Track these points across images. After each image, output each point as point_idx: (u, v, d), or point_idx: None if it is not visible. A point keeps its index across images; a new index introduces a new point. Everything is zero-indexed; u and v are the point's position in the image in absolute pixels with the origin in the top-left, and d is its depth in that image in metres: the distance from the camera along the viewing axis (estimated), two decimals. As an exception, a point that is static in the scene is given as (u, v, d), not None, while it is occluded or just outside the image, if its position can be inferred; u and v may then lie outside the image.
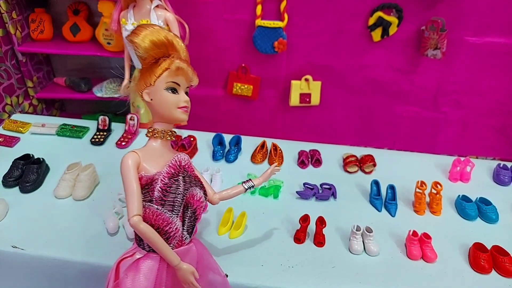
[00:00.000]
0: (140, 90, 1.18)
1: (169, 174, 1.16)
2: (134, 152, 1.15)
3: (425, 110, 2.63)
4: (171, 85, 1.16)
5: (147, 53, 1.12)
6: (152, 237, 1.13)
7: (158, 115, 1.20)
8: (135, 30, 1.14)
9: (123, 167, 1.13)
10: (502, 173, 2.08)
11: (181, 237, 1.21)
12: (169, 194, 1.16)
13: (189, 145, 2.15)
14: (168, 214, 1.16)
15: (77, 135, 2.26)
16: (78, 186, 1.83)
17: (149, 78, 1.15)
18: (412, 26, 2.35)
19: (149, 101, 1.18)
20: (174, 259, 1.16)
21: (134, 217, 1.10)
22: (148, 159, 1.16)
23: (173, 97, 1.17)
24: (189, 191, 1.22)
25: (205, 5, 2.39)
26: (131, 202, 1.11)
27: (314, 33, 2.44)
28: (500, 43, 2.35)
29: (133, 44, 1.12)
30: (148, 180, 1.14)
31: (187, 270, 1.18)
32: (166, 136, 1.21)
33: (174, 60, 1.15)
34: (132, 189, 1.12)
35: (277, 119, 2.79)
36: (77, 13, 2.60)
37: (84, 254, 1.55)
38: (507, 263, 1.55)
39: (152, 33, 1.12)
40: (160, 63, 1.14)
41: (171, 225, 1.17)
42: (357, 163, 2.12)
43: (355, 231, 1.62)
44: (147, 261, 1.18)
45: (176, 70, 1.15)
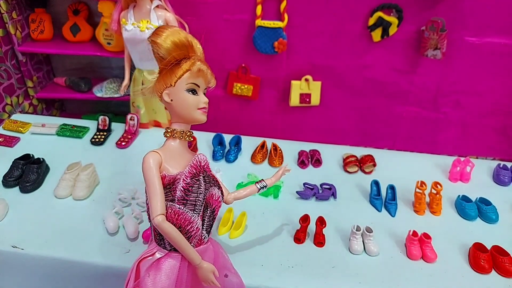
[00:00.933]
0: (160, 90, 1.18)
1: (191, 174, 1.17)
2: (155, 152, 1.16)
3: (425, 110, 2.63)
4: (192, 86, 1.16)
5: (169, 54, 1.12)
6: (175, 236, 1.14)
7: (178, 116, 1.20)
8: (156, 30, 1.14)
9: (146, 166, 1.13)
10: (502, 173, 2.08)
11: (200, 236, 1.23)
12: (191, 193, 1.17)
13: (189, 145, 2.15)
14: (190, 213, 1.17)
15: (77, 135, 2.26)
16: (78, 186, 1.83)
17: (169, 79, 1.15)
18: (412, 27, 2.35)
19: (169, 101, 1.17)
20: (196, 258, 1.18)
21: (158, 216, 1.11)
22: (169, 159, 1.17)
23: (193, 98, 1.17)
24: (209, 190, 1.24)
25: (205, 5, 2.39)
26: (154, 201, 1.12)
27: (314, 33, 2.44)
28: (500, 43, 2.35)
29: (155, 44, 1.12)
30: (170, 180, 1.15)
31: (208, 269, 1.20)
32: (185, 137, 1.21)
33: (195, 61, 1.16)
34: (155, 188, 1.12)
35: (277, 119, 2.79)
36: (77, 13, 2.60)
37: (84, 254, 1.55)
38: (507, 263, 1.55)
39: (173, 34, 1.12)
40: (181, 64, 1.14)
41: (193, 225, 1.18)
42: (357, 163, 2.12)
43: (355, 231, 1.62)
44: (169, 260, 1.19)
45: (197, 72, 1.16)
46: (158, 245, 1.23)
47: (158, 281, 1.15)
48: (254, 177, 2.01)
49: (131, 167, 2.04)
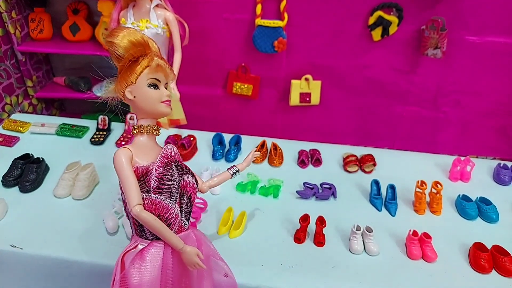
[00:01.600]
0: (122, 90, 1.21)
1: (162, 163, 1.20)
2: (125, 147, 1.19)
3: (425, 109, 2.63)
4: (153, 81, 1.20)
5: (126, 52, 1.15)
6: (155, 224, 1.16)
7: (142, 112, 1.23)
8: (112, 31, 1.17)
9: (117, 162, 1.16)
10: (503, 172, 2.08)
11: (180, 223, 1.25)
12: (165, 182, 1.19)
13: (188, 144, 2.15)
14: (167, 201, 1.19)
15: (77, 135, 2.26)
16: (78, 185, 1.83)
17: (130, 77, 1.18)
18: (412, 26, 2.34)
19: (132, 99, 1.20)
20: (178, 243, 1.21)
21: (136, 206, 1.13)
22: (139, 153, 1.20)
23: (156, 92, 1.20)
24: (183, 178, 1.26)
25: (205, 5, 2.39)
26: (130, 193, 1.14)
27: (314, 32, 2.44)
28: (501, 42, 2.35)
29: (112, 44, 1.15)
30: (143, 171, 1.18)
31: (192, 252, 1.23)
32: (152, 131, 1.24)
33: (153, 57, 1.19)
34: (129, 181, 1.15)
35: (277, 118, 2.78)
36: (77, 12, 2.60)
37: (83, 254, 1.54)
38: (507, 262, 1.55)
39: (130, 34, 1.16)
40: (140, 61, 1.18)
41: (171, 212, 1.20)
42: (357, 163, 2.12)
43: (355, 231, 1.61)
44: (152, 249, 1.21)
45: (156, 67, 1.19)
46: (139, 237, 1.25)
47: (144, 271, 1.17)
48: (254, 176, 2.00)
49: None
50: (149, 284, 1.17)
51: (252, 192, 1.93)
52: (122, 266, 1.22)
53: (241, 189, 1.93)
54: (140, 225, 1.21)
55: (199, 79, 2.67)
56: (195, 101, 2.68)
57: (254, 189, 1.94)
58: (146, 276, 1.17)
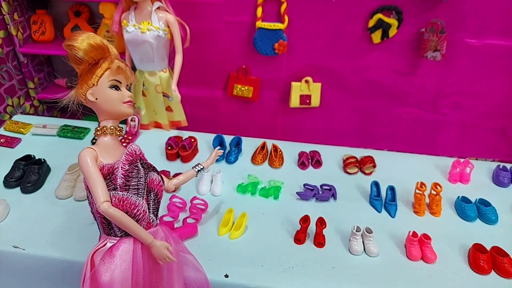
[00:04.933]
0: (83, 92, 1.23)
1: (128, 161, 1.22)
2: (89, 147, 1.21)
3: (425, 111, 2.64)
4: (114, 83, 1.23)
5: (86, 55, 1.18)
6: (123, 220, 1.18)
7: (105, 113, 1.26)
8: (72, 35, 1.20)
9: (82, 162, 1.17)
10: (502, 174, 2.09)
11: (148, 219, 1.28)
12: (131, 179, 1.22)
13: (189, 146, 2.16)
14: (134, 198, 1.21)
15: (78, 136, 2.27)
16: (79, 186, 1.84)
17: (91, 79, 1.21)
18: (412, 28, 2.35)
19: (94, 100, 1.23)
20: (148, 237, 1.23)
21: (104, 203, 1.15)
22: (104, 153, 1.22)
23: (117, 94, 1.24)
24: (149, 175, 1.29)
25: (206, 7, 2.40)
26: (96, 191, 1.16)
27: (314, 35, 2.45)
28: (500, 45, 2.36)
29: (72, 48, 1.17)
30: (109, 169, 1.20)
31: (161, 246, 1.25)
32: (115, 132, 1.27)
33: (113, 60, 1.23)
34: (95, 179, 1.17)
35: (277, 120, 2.79)
36: (79, 14, 2.61)
37: (84, 254, 1.52)
38: (507, 264, 1.55)
39: (89, 37, 1.19)
40: (100, 64, 1.21)
41: (139, 208, 1.22)
42: (357, 164, 2.13)
43: (355, 232, 1.62)
44: (121, 246, 1.22)
45: (117, 69, 1.23)
46: (108, 236, 1.26)
47: (114, 267, 1.18)
48: (254, 178, 2.01)
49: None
50: (120, 280, 1.18)
51: (252, 193, 1.94)
52: (92, 265, 1.23)
53: (241, 191, 1.94)
54: (108, 223, 1.23)
55: (200, 81, 2.68)
56: (196, 103, 2.69)
57: (255, 190, 1.95)
58: (117, 272, 1.18)
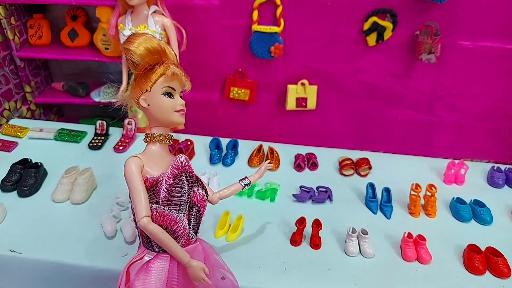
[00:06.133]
0: (136, 97, 1.20)
1: (173, 175, 1.18)
2: (136, 156, 1.18)
3: (420, 113, 2.65)
4: (168, 90, 1.19)
5: (142, 60, 1.15)
6: (162, 237, 1.15)
7: (156, 120, 1.22)
8: (129, 38, 1.17)
9: (127, 171, 1.15)
10: (496, 175, 2.10)
11: (188, 236, 1.24)
12: (174, 194, 1.18)
13: (186, 149, 2.17)
14: (175, 213, 1.18)
15: (75, 140, 2.27)
16: (76, 190, 1.84)
17: (145, 84, 1.17)
18: (406, 31, 2.37)
19: (146, 107, 1.20)
20: (185, 257, 1.20)
21: (144, 218, 1.12)
22: (150, 163, 1.18)
23: (170, 101, 1.19)
24: (193, 190, 1.25)
25: (203, 11, 2.41)
26: (139, 204, 1.13)
27: (310, 38, 2.46)
28: (494, 47, 2.38)
29: (128, 51, 1.15)
30: (153, 182, 1.16)
31: (198, 267, 1.21)
32: (165, 140, 1.23)
33: (169, 65, 1.18)
34: (138, 191, 1.13)
35: (274, 123, 2.81)
36: (75, 18, 2.62)
37: (82, 258, 1.56)
38: (501, 264, 1.57)
39: (146, 41, 1.16)
40: (155, 69, 1.17)
41: (179, 224, 1.19)
42: (352, 166, 2.14)
43: (351, 233, 1.63)
44: (157, 262, 1.20)
45: (172, 76, 1.18)
46: (146, 248, 1.24)
47: (148, 283, 1.16)
48: (251, 180, 2.02)
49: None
50: None
51: (249, 196, 1.95)
52: (127, 278, 1.22)
53: (238, 193, 1.94)
54: (147, 236, 1.20)
55: (197, 84, 2.64)
56: (192, 106, 2.67)
57: (251, 192, 1.96)
58: None
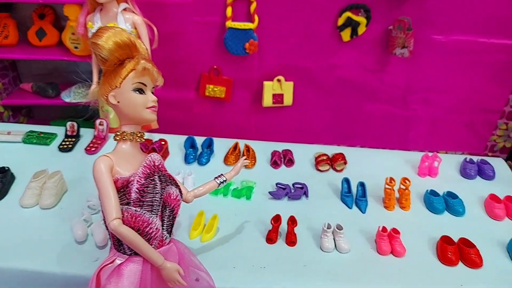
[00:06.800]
0: (105, 93, 1.16)
1: (145, 174, 1.15)
2: (105, 156, 1.14)
3: (396, 108, 2.67)
4: (138, 85, 1.15)
5: (111, 55, 1.11)
6: (133, 239, 1.11)
7: (126, 117, 1.19)
8: (97, 32, 1.12)
9: (96, 171, 1.11)
10: (469, 167, 2.14)
11: (161, 237, 1.21)
12: (146, 194, 1.14)
13: (159, 149, 2.13)
14: (148, 215, 1.15)
15: (45, 142, 2.21)
16: (45, 194, 1.79)
17: (114, 80, 1.13)
18: (380, 26, 2.38)
19: (115, 103, 1.16)
20: (158, 259, 1.16)
21: (114, 220, 1.08)
22: (121, 162, 1.14)
23: (141, 98, 1.16)
24: (166, 190, 1.22)
25: (174, 8, 2.37)
26: (108, 206, 1.09)
27: (284, 34, 2.45)
28: (466, 40, 2.41)
29: (96, 46, 1.10)
30: (123, 182, 1.13)
31: (172, 268, 1.18)
32: (136, 138, 1.19)
33: (139, 60, 1.14)
34: (108, 192, 1.10)
35: (251, 120, 2.79)
36: (43, 17, 2.54)
37: (52, 264, 1.51)
38: (473, 254, 1.59)
39: (115, 35, 1.11)
40: (125, 64, 1.13)
41: (152, 226, 1.16)
42: (328, 162, 2.15)
43: (326, 229, 1.63)
44: (130, 265, 1.16)
45: (143, 71, 1.14)
46: (117, 251, 1.20)
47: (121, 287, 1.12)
48: (226, 179, 2.00)
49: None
50: None
51: (224, 194, 1.93)
52: (97, 282, 1.17)
53: (213, 192, 1.92)
54: (118, 239, 1.16)
55: (171, 82, 2.63)
56: (167, 104, 2.64)
57: (227, 191, 1.94)
58: None
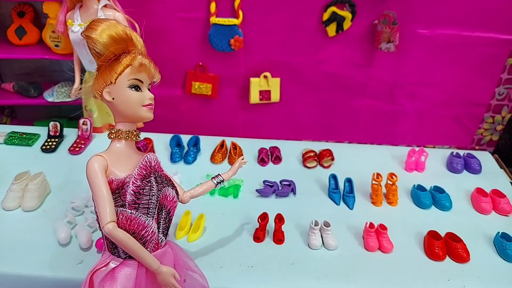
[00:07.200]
0: (99, 89, 1.10)
1: (140, 176, 1.11)
2: (99, 155, 1.09)
3: (383, 102, 2.67)
4: (134, 82, 1.10)
5: (106, 49, 1.05)
6: (129, 243, 1.08)
7: (121, 115, 1.13)
8: (91, 25, 1.06)
9: (90, 172, 1.07)
10: (455, 161, 2.14)
11: (157, 240, 1.18)
12: (142, 196, 1.11)
13: (145, 148, 2.10)
14: (143, 217, 1.11)
15: (27, 143, 2.16)
16: (27, 196, 1.75)
17: (109, 76, 1.08)
18: (365, 21, 2.37)
19: (110, 100, 1.10)
20: (154, 263, 1.13)
21: (108, 224, 1.05)
22: (115, 162, 1.10)
23: (137, 95, 1.11)
24: (162, 191, 1.18)
25: (157, 4, 2.33)
26: (103, 208, 1.05)
27: (270, 29, 2.43)
28: (451, 34, 2.41)
29: (90, 40, 1.05)
30: (119, 184, 1.09)
31: (168, 273, 1.15)
32: (131, 137, 1.15)
33: (136, 56, 1.09)
34: (102, 194, 1.05)
35: (238, 117, 2.77)
36: (22, 15, 2.48)
37: (35, 268, 1.48)
38: (460, 249, 1.60)
39: (110, 27, 1.05)
40: (121, 59, 1.08)
41: (147, 229, 1.12)
42: (315, 158, 2.14)
43: (313, 226, 1.62)
44: (124, 269, 1.13)
45: (139, 67, 1.09)
46: (111, 254, 1.16)
47: None
48: (213, 177, 1.97)
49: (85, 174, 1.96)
50: None
51: (211, 193, 1.90)
52: (90, 286, 1.14)
53: (204, 191, 1.90)
54: (113, 242, 1.12)
55: (157, 80, 2.60)
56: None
57: (213, 190, 1.91)
58: None
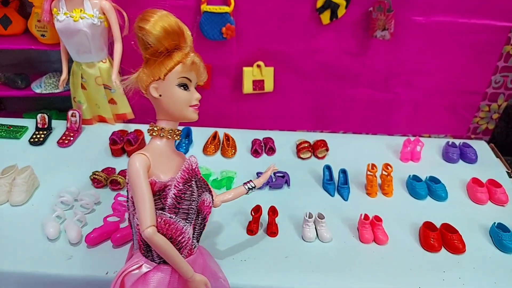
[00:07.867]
0: (146, 83, 1.05)
1: (183, 180, 1.07)
2: (142, 154, 1.04)
3: (378, 91, 2.64)
4: (184, 81, 1.06)
5: (158, 42, 1.00)
6: (168, 250, 1.04)
7: (166, 113, 1.09)
8: (143, 15, 1.01)
9: (132, 171, 1.01)
10: (451, 151, 2.12)
11: (191, 246, 1.14)
12: (183, 201, 1.07)
13: (135, 140, 2.05)
14: (182, 223, 1.08)
15: (14, 136, 2.11)
16: (15, 190, 1.71)
17: (158, 71, 1.03)
18: (360, 8, 2.32)
19: (157, 97, 1.06)
20: (189, 271, 1.10)
21: (149, 228, 1.00)
22: (158, 163, 1.06)
23: (186, 94, 1.07)
24: (201, 197, 1.14)
25: (147, -9, 2.26)
26: (143, 211, 1.01)
27: (263, 17, 2.37)
28: (447, 22, 2.37)
29: (143, 31, 0.99)
30: (161, 186, 1.05)
31: (201, 281, 1.13)
32: (174, 136, 1.11)
33: (189, 53, 1.05)
34: (143, 196, 1.01)
35: (232, 107, 2.72)
36: (7, 4, 2.40)
37: (23, 264, 1.44)
38: (456, 240, 1.58)
39: (162, 18, 1.00)
40: (173, 55, 1.03)
41: (184, 235, 1.09)
42: (310, 149, 2.10)
43: (308, 219, 1.60)
44: (158, 274, 1.10)
45: (191, 65, 1.05)
46: (144, 257, 1.13)
47: None
48: (206, 169, 1.94)
49: (74, 166, 1.92)
50: None
51: (204, 185, 1.87)
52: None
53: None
54: (147, 244, 1.08)
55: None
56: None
57: (206, 182, 1.88)
58: None
